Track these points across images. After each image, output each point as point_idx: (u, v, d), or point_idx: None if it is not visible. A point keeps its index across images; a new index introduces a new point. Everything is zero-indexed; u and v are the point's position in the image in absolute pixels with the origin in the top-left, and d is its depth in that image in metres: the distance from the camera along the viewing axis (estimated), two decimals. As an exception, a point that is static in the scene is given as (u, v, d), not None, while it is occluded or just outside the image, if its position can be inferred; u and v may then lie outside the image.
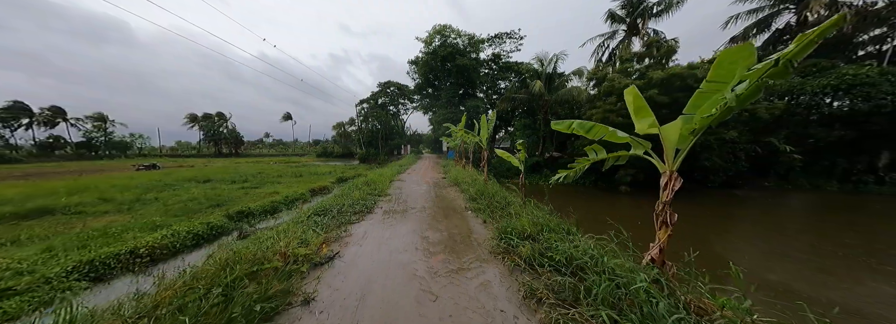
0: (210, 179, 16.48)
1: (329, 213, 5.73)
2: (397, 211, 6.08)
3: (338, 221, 5.21)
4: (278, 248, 3.57)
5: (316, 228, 4.70)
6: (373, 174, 10.97)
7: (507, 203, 5.87)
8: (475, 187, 6.89)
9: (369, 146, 38.39)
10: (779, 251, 6.15)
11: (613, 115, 11.45)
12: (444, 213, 5.83)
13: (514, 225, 4.06)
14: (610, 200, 11.78)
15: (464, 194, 7.40)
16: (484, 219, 5.16)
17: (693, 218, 9.03)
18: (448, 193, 7.87)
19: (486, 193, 6.44)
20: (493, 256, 3.60)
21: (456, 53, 22.75)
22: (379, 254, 3.78)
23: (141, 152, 45.32)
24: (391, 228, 4.87)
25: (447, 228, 4.79)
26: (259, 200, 10.65)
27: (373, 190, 8.04)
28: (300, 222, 4.99)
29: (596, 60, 17.73)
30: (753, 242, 6.87)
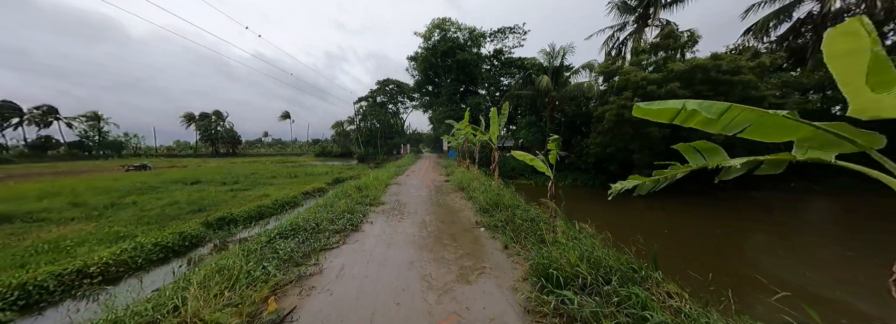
0: (199, 181, 15.75)
1: (299, 234, 4.28)
2: (391, 229, 4.75)
3: (308, 247, 3.75)
4: (185, 316, 2.14)
5: (272, 260, 3.27)
6: (367, 178, 9.52)
7: (531, 219, 4.56)
8: (486, 195, 5.74)
9: (368, 146, 37.63)
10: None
11: (628, 112, 10.60)
12: (451, 231, 4.60)
13: (554, 260, 2.71)
14: (631, 207, 10.98)
15: (472, 203, 6.23)
16: (505, 243, 3.81)
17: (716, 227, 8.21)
18: (453, 200, 6.75)
19: (501, 203, 5.27)
20: (533, 320, 2.22)
21: (456, 48, 21.86)
22: (357, 309, 2.41)
23: (136, 152, 44.67)
24: (379, 260, 3.43)
25: (456, 259, 3.46)
26: (246, 205, 9.89)
27: (364, 198, 6.76)
28: (252, 252, 3.50)
29: (605, 53, 16.90)
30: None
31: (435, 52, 23.16)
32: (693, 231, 7.64)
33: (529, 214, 4.99)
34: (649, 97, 10.62)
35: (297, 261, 3.40)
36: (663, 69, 10.94)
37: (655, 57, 11.77)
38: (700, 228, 7.91)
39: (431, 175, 11.79)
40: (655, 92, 10.26)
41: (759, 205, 10.58)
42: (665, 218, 8.94)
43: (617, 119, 11.16)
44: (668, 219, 8.86)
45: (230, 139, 52.74)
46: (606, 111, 11.63)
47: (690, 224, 8.29)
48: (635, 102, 10.14)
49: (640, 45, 14.06)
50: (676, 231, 7.60)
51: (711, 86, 9.97)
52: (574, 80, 17.03)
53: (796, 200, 11.14)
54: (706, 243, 6.64)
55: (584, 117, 17.96)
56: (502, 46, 26.20)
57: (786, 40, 16.64)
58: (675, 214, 9.24)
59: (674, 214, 9.29)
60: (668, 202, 10.75)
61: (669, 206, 10.33)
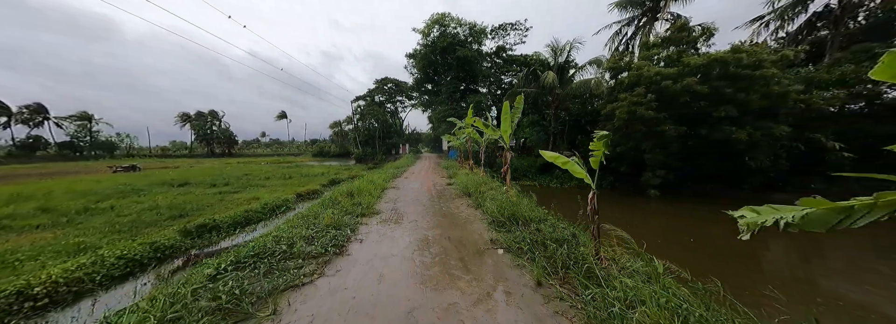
0: (187, 183, 15.10)
1: (265, 261, 3.24)
2: (385, 250, 3.70)
3: (269, 283, 2.73)
4: None
5: (204, 314, 2.21)
6: (361, 181, 8.68)
7: (564, 240, 3.39)
8: (498, 204, 4.82)
9: (366, 145, 36.98)
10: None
11: (642, 108, 10.02)
12: (460, 253, 3.60)
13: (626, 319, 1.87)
14: (640, 207, 10.36)
15: (481, 212, 5.27)
16: (537, 277, 2.75)
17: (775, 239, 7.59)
18: (458, 209, 5.83)
19: (519, 214, 4.34)
20: None
21: (456, 45, 21.23)
22: None
23: (129, 153, 43.87)
24: (366, 307, 2.41)
25: (474, 305, 2.41)
26: (233, 209, 9.26)
27: (355, 206, 5.77)
28: (191, 294, 2.46)
29: (612, 50, 16.30)
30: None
31: (434, 48, 22.52)
32: (748, 245, 6.93)
33: (560, 231, 3.91)
34: (664, 93, 10.03)
35: (246, 310, 2.31)
36: (678, 64, 10.34)
37: (668, 51, 11.17)
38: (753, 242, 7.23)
39: (432, 177, 10.99)
40: (670, 88, 9.66)
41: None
42: (697, 226, 8.32)
43: (628, 117, 10.56)
44: (702, 227, 8.24)
45: (226, 139, 51.96)
46: (616, 109, 11.02)
47: (732, 233, 7.67)
48: (649, 97, 9.43)
49: (650, 39, 13.46)
50: (733, 247, 6.97)
51: (730, 81, 9.39)
52: (580, 77, 16.44)
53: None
54: (780, 263, 5.83)
55: (589, 116, 17.37)
56: (504, 43, 25.62)
57: (799, 35, 16.09)
58: (704, 220, 8.60)
59: (703, 220, 8.62)
60: (685, 205, 10.15)
61: (687, 207, 9.73)
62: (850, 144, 10.04)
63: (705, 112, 9.67)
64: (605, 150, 2.51)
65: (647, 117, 9.91)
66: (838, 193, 7.02)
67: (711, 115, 9.54)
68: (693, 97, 9.50)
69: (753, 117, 9.67)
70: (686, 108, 9.85)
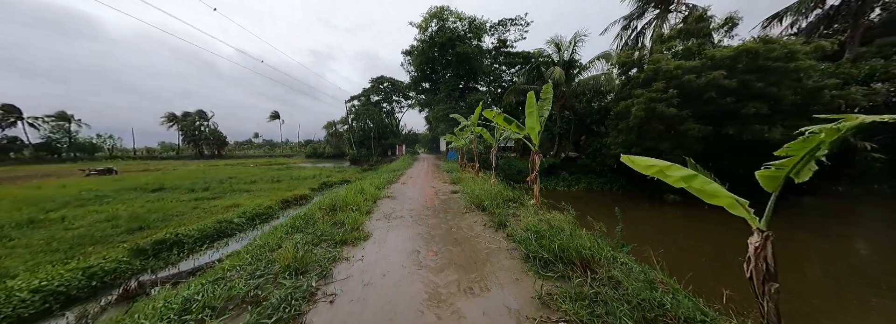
0: (162, 187, 13.95)
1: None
2: (370, 319, 2.16)
3: None
4: None
5: None
6: (349, 190, 7.24)
7: (663, 307, 2.05)
8: (535, 231, 3.42)
9: (361, 146, 35.88)
10: None
11: (662, 105, 9.20)
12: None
13: None
14: (658, 214, 9.50)
15: (505, 238, 3.76)
16: None
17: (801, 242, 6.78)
18: (472, 230, 4.24)
19: (569, 249, 2.85)
20: None
21: (456, 40, 20.34)
22: None
23: (111, 155, 42.11)
24: None
25: None
26: (205, 219, 8.20)
27: (335, 229, 4.24)
28: None
29: (620, 45, 15.59)
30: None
31: (432, 44, 21.61)
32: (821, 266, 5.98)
33: (647, 279, 2.44)
34: (686, 88, 9.21)
35: None
36: (700, 56, 9.55)
37: (686, 44, 10.39)
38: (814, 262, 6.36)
39: (433, 182, 9.68)
40: (693, 82, 8.85)
41: (825, 213, 9.18)
42: (726, 236, 7.47)
43: (646, 115, 9.72)
44: (729, 237, 7.39)
45: (215, 140, 50.38)
46: (632, 106, 10.18)
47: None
48: (671, 93, 8.59)
49: (663, 31, 12.69)
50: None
51: (760, 74, 8.60)
52: (586, 73, 15.65)
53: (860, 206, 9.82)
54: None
55: (597, 114, 16.58)
56: (505, 38, 24.83)
57: (813, 31, 15.50)
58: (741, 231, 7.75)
59: (740, 230, 7.78)
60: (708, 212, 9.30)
61: (711, 216, 8.89)
62: (881, 145, 9.30)
63: (732, 109, 8.86)
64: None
65: (667, 115, 9.08)
66: (857, 191, 5.74)
67: (739, 112, 8.72)
68: (719, 93, 8.68)
69: (783, 115, 8.87)
70: (710, 104, 9.04)
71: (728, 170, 11.70)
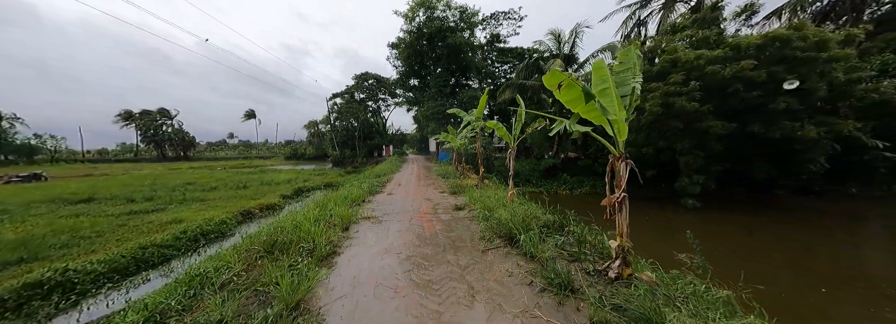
0: (94, 198, 11.74)
1: None
2: None
3: None
4: None
5: None
6: (306, 212, 5.13)
7: None
8: (626, 297, 2.06)
9: (345, 147, 33.77)
10: None
11: (682, 99, 8.25)
12: None
13: None
14: (675, 220, 8.52)
15: (578, 308, 2.21)
16: None
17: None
18: (514, 294, 2.45)
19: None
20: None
21: (446, 31, 19.00)
22: None
23: (54, 157, 37.58)
24: None
25: None
26: (130, 241, 6.41)
27: (279, 282, 2.51)
28: None
29: (624, 36, 14.85)
30: None
31: (420, 35, 20.15)
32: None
33: None
34: (709, 80, 8.29)
35: None
36: (720, 46, 8.69)
37: (702, 33, 9.55)
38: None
39: (428, 192, 7.70)
40: (718, 73, 7.95)
41: (835, 215, 8.50)
42: (762, 247, 6.50)
43: (661, 111, 8.74)
44: (766, 247, 6.42)
45: (180, 141, 46.38)
46: (645, 101, 9.19)
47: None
48: (692, 85, 7.56)
49: (678, 20, 11.89)
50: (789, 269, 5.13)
51: (788, 66, 7.80)
52: (587, 67, 14.74)
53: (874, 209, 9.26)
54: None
55: (598, 112, 15.72)
56: (498, 33, 23.75)
57: (823, 22, 15.28)
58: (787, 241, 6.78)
59: (786, 239, 6.77)
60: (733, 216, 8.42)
61: (737, 220, 7.97)
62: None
63: (758, 104, 8.01)
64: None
65: (687, 111, 8.11)
66: (869, 193, 4.29)
67: (766, 107, 7.88)
68: (745, 86, 7.80)
69: (811, 111, 8.13)
70: (734, 99, 8.17)
71: (748, 172, 11.08)
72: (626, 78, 2.45)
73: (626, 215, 2.47)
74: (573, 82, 2.30)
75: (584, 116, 2.60)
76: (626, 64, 2.47)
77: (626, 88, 2.40)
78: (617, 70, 2.50)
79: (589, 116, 2.59)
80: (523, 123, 5.32)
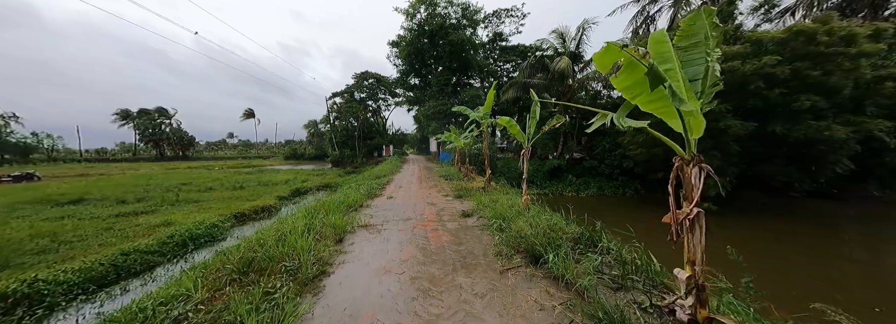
0: (84, 199, 11.39)
1: None
2: None
3: None
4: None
5: None
6: (293, 221, 4.43)
7: None
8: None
9: (344, 147, 33.40)
10: None
11: (698, 96, 7.79)
12: None
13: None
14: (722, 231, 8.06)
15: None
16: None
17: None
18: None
19: None
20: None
21: (448, 28, 18.61)
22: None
23: (51, 156, 37.38)
24: None
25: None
26: (114, 246, 6.04)
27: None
28: None
29: (632, 32, 14.42)
30: None
31: (421, 33, 19.75)
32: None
33: None
34: (727, 77, 7.82)
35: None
36: (742, 40, 8.26)
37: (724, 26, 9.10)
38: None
39: (430, 195, 7.31)
40: (738, 69, 7.50)
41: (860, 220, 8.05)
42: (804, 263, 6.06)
43: (676, 109, 8.28)
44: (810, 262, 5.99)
45: (178, 140, 46.14)
46: (660, 99, 8.73)
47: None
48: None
49: (680, 17, 11.45)
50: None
51: (814, 61, 7.35)
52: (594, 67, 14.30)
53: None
54: None
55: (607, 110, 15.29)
56: (501, 31, 23.36)
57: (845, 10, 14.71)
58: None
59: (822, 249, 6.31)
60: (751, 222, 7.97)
61: (764, 226, 7.51)
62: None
63: (780, 103, 7.57)
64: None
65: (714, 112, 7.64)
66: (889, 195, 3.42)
67: (789, 106, 7.45)
68: (767, 83, 7.37)
69: (836, 109, 7.69)
70: (754, 97, 7.73)
71: (766, 174, 10.58)
72: (693, 56, 2.03)
73: (701, 238, 1.90)
74: (638, 61, 1.80)
75: (645, 108, 2.05)
76: (692, 36, 2.03)
77: (695, 69, 1.99)
78: (680, 45, 2.06)
79: (650, 108, 2.04)
80: (538, 120, 4.90)
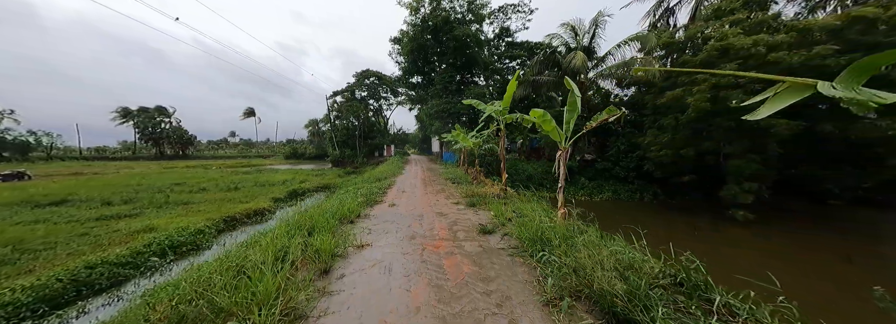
0: (68, 199, 10.81)
1: None
2: None
3: None
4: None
5: None
6: (266, 243, 3.08)
7: None
8: None
9: (345, 146, 32.78)
10: None
11: (738, 92, 7.03)
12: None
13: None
14: (735, 237, 7.27)
15: None
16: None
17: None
18: None
19: None
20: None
21: (452, 23, 17.88)
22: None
23: (49, 155, 37.16)
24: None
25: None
26: (83, 256, 5.40)
27: None
28: None
29: (650, 25, 13.63)
30: None
31: (425, 28, 19.03)
32: None
33: None
34: (771, 70, 7.01)
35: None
36: (786, 29, 7.44)
37: (760, 15, 8.29)
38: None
39: (438, 202, 6.31)
40: (785, 61, 6.69)
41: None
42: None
43: (709, 107, 7.53)
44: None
45: (178, 139, 45.82)
46: (687, 96, 7.99)
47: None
48: (753, 74, 6.34)
49: (704, 7, 10.64)
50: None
51: (872, 51, 6.48)
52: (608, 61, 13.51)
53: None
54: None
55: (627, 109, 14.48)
56: (507, 27, 22.58)
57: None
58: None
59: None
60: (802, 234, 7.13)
61: (819, 242, 6.64)
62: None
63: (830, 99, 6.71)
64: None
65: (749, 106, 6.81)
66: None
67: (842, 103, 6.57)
68: (818, 76, 6.52)
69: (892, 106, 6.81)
70: (800, 92, 6.87)
71: (807, 179, 9.60)
72: None
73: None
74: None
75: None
76: None
77: None
78: None
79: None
80: (579, 115, 4.06)
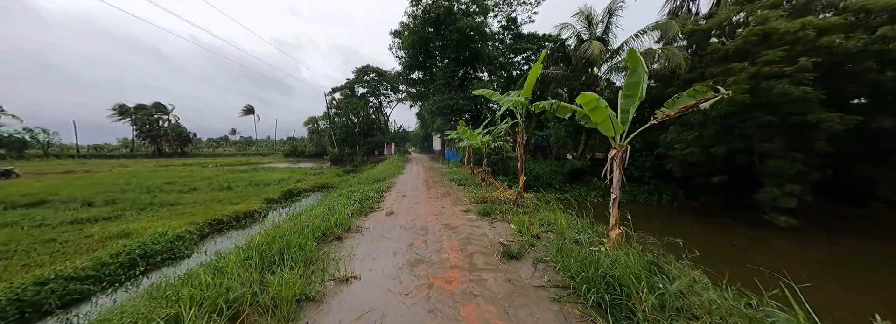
0: (48, 200, 10.19)
1: None
2: None
3: None
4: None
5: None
6: (229, 268, 2.44)
7: None
8: None
9: (344, 144, 32.09)
10: None
11: (783, 82, 6.19)
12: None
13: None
14: (782, 248, 6.47)
15: None
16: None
17: None
18: None
19: None
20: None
21: (455, 14, 17.04)
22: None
23: (46, 152, 36.80)
24: None
25: None
26: (27, 272, 4.74)
27: None
28: None
29: (669, 13, 12.74)
30: None
31: (427, 19, 18.20)
32: None
33: None
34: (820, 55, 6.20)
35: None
36: (839, 9, 6.58)
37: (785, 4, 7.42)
38: None
39: (442, 207, 5.59)
40: (842, 47, 5.85)
41: None
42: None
43: (747, 99, 6.71)
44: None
45: (176, 136, 45.34)
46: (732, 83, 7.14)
47: None
48: (800, 63, 5.37)
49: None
50: None
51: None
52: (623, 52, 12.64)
53: None
54: None
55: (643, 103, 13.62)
56: (514, 18, 21.67)
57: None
58: None
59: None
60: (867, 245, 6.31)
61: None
62: None
63: (891, 89, 5.92)
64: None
65: (792, 97, 6.06)
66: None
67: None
68: (881, 64, 5.71)
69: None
70: (856, 81, 6.08)
71: (861, 180, 8.49)
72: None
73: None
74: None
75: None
76: None
77: None
78: None
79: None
80: (642, 99, 3.02)
